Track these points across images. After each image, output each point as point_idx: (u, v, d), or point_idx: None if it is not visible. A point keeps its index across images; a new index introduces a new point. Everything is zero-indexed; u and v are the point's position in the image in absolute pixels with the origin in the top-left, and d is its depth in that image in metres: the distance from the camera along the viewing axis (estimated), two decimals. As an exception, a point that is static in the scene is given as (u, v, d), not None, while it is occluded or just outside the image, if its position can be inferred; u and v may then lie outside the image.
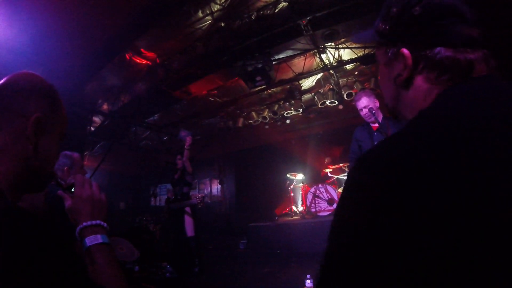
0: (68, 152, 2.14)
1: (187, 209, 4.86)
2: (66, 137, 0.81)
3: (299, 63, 6.13)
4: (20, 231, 0.53)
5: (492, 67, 0.54)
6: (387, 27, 0.60)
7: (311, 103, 7.47)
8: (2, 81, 0.72)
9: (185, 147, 4.85)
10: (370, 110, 2.79)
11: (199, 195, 4.96)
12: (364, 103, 2.86)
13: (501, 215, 0.35)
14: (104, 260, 0.74)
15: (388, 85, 0.64)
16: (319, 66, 6.16)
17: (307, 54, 5.85)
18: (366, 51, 5.63)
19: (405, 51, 0.56)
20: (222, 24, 5.01)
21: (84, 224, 0.79)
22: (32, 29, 3.78)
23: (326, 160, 7.52)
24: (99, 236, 0.78)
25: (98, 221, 0.81)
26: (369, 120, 2.98)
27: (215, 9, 4.72)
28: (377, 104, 2.92)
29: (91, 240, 0.76)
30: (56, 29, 3.93)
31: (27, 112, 0.70)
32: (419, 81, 0.57)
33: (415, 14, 0.55)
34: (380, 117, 2.93)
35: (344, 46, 5.70)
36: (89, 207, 0.83)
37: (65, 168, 2.06)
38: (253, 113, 8.03)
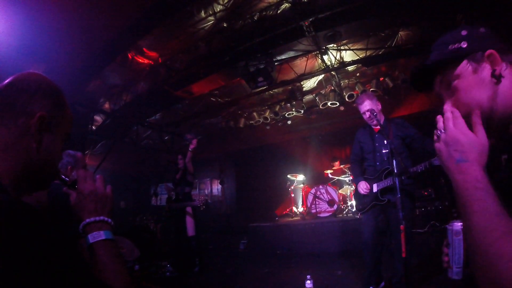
0: (71, 151, 2.14)
1: (188, 209, 4.87)
2: (70, 137, 0.81)
3: (301, 64, 6.13)
4: (24, 225, 0.53)
5: None
6: (465, 43, 0.77)
7: (312, 104, 7.48)
8: (7, 80, 0.72)
9: (190, 149, 4.84)
10: (372, 112, 2.82)
11: (202, 198, 4.95)
12: (367, 106, 2.89)
13: None
14: (107, 256, 0.73)
15: (482, 88, 0.75)
16: (320, 67, 6.15)
17: (309, 55, 5.85)
18: (368, 52, 5.63)
19: (493, 51, 0.73)
20: (225, 25, 5.02)
21: (87, 220, 0.78)
22: (33, 27, 3.78)
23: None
24: (102, 232, 0.76)
25: (101, 217, 0.80)
26: (372, 123, 2.99)
27: (218, 9, 4.73)
28: (379, 107, 2.95)
29: (94, 236, 0.75)
30: (58, 28, 3.93)
31: (31, 111, 0.70)
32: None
33: (483, 31, 0.77)
34: (382, 119, 2.96)
35: (346, 47, 5.70)
36: (92, 203, 0.81)
37: (69, 167, 2.07)
38: (255, 113, 8.03)
